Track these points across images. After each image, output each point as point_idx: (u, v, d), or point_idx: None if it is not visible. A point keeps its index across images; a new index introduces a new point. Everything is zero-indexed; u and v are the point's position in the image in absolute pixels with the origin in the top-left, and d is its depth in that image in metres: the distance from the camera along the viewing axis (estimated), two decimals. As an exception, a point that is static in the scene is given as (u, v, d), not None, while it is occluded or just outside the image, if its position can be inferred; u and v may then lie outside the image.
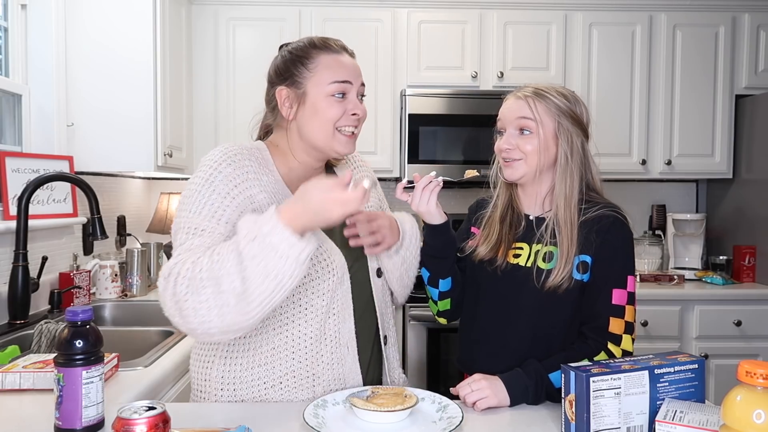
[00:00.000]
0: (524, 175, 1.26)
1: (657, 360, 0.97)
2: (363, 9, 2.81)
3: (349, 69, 1.15)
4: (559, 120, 1.24)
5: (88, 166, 2.27)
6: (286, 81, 1.16)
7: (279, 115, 1.19)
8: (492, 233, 1.30)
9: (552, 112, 1.24)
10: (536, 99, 1.24)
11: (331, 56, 1.15)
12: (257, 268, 0.92)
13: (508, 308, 1.27)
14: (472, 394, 1.11)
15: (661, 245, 2.97)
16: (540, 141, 1.23)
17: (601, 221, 1.21)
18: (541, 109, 1.24)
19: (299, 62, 1.15)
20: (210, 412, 1.11)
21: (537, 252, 1.25)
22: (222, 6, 2.78)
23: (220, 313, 0.94)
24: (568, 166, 1.24)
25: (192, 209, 1.05)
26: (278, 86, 1.17)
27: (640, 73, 2.87)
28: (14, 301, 1.75)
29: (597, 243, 1.20)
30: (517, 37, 2.84)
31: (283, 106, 1.16)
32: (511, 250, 1.28)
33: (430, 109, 2.74)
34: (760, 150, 2.76)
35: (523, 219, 1.31)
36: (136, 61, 2.28)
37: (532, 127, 1.23)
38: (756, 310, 2.58)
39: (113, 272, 2.25)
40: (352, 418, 1.03)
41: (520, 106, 1.25)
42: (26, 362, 1.22)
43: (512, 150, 1.24)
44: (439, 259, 1.30)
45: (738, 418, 0.72)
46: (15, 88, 2.09)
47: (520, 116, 1.24)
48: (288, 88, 1.15)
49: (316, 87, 1.13)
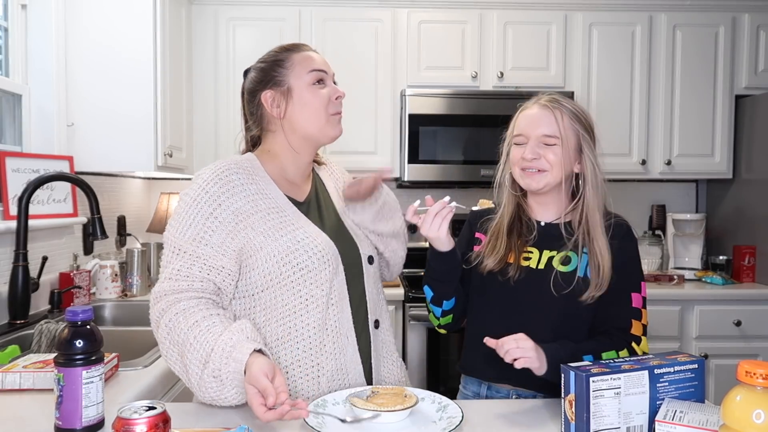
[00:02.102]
0: (546, 185, 1.25)
1: (657, 360, 0.97)
2: (363, 9, 2.81)
3: (319, 60, 1.25)
4: (582, 133, 1.26)
5: (88, 166, 2.27)
6: (267, 85, 1.23)
7: (267, 121, 1.25)
8: (500, 245, 1.29)
9: (575, 127, 1.26)
10: (564, 114, 1.25)
11: (301, 54, 1.24)
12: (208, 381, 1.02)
13: (523, 313, 1.26)
14: (516, 351, 1.08)
15: (661, 245, 2.97)
16: (564, 152, 1.24)
17: (617, 229, 1.25)
18: (567, 125, 1.25)
19: (276, 65, 1.23)
20: (210, 412, 1.11)
21: (551, 258, 1.25)
22: (222, 6, 2.78)
23: (179, 370, 1.07)
24: (596, 179, 1.26)
25: (179, 228, 1.12)
26: (261, 92, 1.23)
27: (640, 73, 2.88)
28: (14, 301, 1.75)
29: (614, 245, 1.23)
30: (517, 37, 2.84)
31: (272, 107, 1.22)
32: (521, 254, 1.28)
33: (430, 109, 2.74)
34: (760, 150, 2.76)
35: (535, 226, 1.30)
36: (136, 61, 2.28)
37: (554, 142, 1.24)
38: (756, 310, 2.58)
39: (113, 272, 2.25)
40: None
41: (545, 116, 1.25)
42: (26, 362, 1.22)
43: (538, 160, 1.24)
44: (443, 282, 1.30)
45: (738, 418, 0.73)
46: (15, 88, 2.09)
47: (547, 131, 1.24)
48: (272, 90, 1.22)
49: (297, 80, 1.21)
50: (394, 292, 2.48)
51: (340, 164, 1.55)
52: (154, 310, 1.09)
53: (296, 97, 1.21)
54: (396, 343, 1.40)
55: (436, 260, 1.26)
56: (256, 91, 1.24)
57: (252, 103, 1.26)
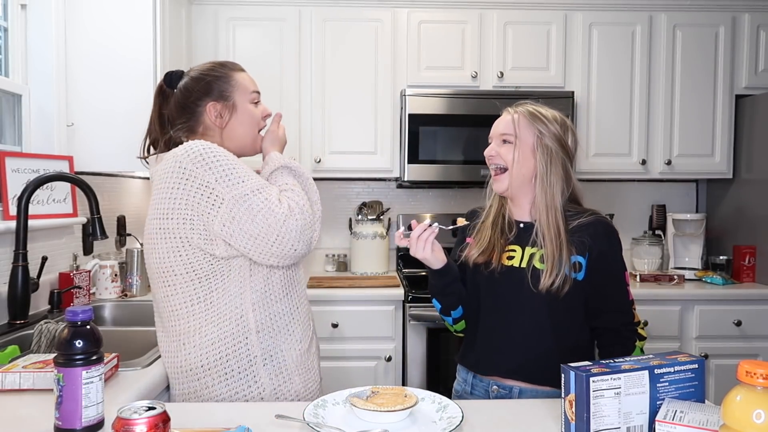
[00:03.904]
0: (508, 187, 1.37)
1: (657, 360, 0.97)
2: (363, 9, 2.81)
3: (255, 82, 1.43)
4: (540, 137, 1.35)
5: (88, 166, 2.27)
6: (213, 97, 1.36)
7: (204, 127, 1.37)
8: (484, 238, 1.40)
9: (533, 129, 1.35)
10: (521, 116, 1.36)
11: (241, 74, 1.41)
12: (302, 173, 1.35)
13: (509, 308, 1.36)
14: None
15: (661, 245, 2.97)
16: (520, 151, 1.34)
17: (598, 226, 1.34)
18: (523, 125, 1.36)
19: (222, 81, 1.38)
20: (210, 412, 1.11)
21: (532, 255, 1.34)
22: (222, 6, 2.78)
23: None
24: (546, 178, 1.34)
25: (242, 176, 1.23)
26: (206, 102, 1.36)
27: (640, 73, 2.87)
28: (14, 301, 1.75)
29: (597, 245, 1.32)
30: (517, 37, 2.84)
31: (215, 117, 1.36)
32: (505, 253, 1.38)
33: (430, 109, 2.74)
34: (760, 150, 2.76)
35: (515, 226, 1.40)
36: (136, 60, 2.28)
37: (511, 140, 1.36)
38: (756, 310, 2.58)
39: (113, 272, 2.25)
40: (352, 418, 1.03)
41: (506, 120, 1.38)
42: (26, 362, 1.22)
43: (495, 157, 1.38)
44: (445, 295, 1.41)
45: (738, 418, 0.73)
46: (15, 88, 2.09)
47: (504, 130, 1.37)
48: (217, 102, 1.36)
49: (241, 97, 1.38)
50: (395, 292, 2.47)
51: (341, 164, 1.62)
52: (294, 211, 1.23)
53: (239, 112, 1.38)
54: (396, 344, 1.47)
55: (434, 277, 1.38)
56: (199, 100, 1.35)
57: (187, 108, 1.36)
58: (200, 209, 1.21)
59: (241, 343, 1.25)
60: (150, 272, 1.31)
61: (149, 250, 1.29)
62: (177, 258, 1.23)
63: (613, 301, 1.34)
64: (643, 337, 1.34)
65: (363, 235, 2.90)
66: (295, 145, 2.80)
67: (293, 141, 2.80)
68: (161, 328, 1.33)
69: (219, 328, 1.25)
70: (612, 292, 1.34)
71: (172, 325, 1.28)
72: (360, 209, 3.03)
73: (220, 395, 1.26)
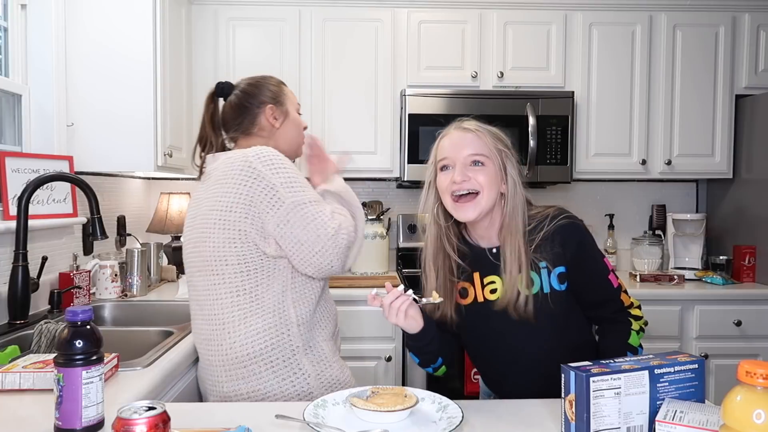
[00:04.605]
0: (480, 213, 1.25)
1: (657, 360, 0.97)
2: (363, 9, 2.81)
3: None
4: (504, 152, 1.26)
5: (88, 166, 2.27)
6: (271, 101, 1.52)
7: (258, 128, 1.51)
8: (429, 281, 1.32)
9: (498, 144, 1.27)
10: (486, 134, 1.26)
11: (288, 88, 1.61)
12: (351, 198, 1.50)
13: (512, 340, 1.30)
14: None
15: (661, 245, 2.97)
16: (492, 173, 1.24)
17: (563, 232, 1.25)
18: (491, 143, 1.26)
19: (279, 90, 1.56)
20: (210, 412, 1.11)
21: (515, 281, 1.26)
22: (222, 6, 2.78)
23: None
24: (515, 195, 1.26)
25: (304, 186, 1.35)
26: (265, 104, 1.51)
27: (640, 73, 2.87)
28: (14, 301, 1.75)
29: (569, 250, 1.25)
30: (517, 37, 2.84)
31: (272, 118, 1.52)
32: (486, 287, 1.30)
33: (430, 109, 2.74)
34: (760, 150, 2.76)
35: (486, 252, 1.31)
36: (135, 61, 2.28)
37: (483, 159, 1.24)
38: (756, 310, 2.58)
39: (113, 272, 2.25)
40: (352, 418, 1.03)
41: (469, 138, 1.26)
42: (26, 362, 1.22)
43: (468, 182, 1.23)
44: (423, 354, 1.33)
45: (738, 418, 0.72)
46: (15, 88, 2.09)
47: (475, 150, 1.25)
48: (274, 106, 1.52)
49: (291, 107, 1.57)
50: (394, 292, 2.47)
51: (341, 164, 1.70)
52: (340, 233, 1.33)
53: (291, 118, 1.56)
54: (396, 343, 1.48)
55: (410, 338, 1.29)
56: (258, 102, 1.50)
57: (245, 109, 1.50)
58: (261, 207, 1.30)
59: (284, 335, 1.35)
60: (197, 261, 1.39)
61: (202, 239, 1.37)
62: (231, 249, 1.32)
63: (599, 294, 1.30)
64: (638, 317, 1.29)
65: (363, 235, 2.90)
66: (295, 145, 2.80)
67: (293, 141, 2.80)
68: (201, 316, 1.41)
69: (263, 320, 1.34)
70: (595, 287, 1.29)
71: (215, 314, 1.37)
72: (360, 209, 3.02)
73: (268, 382, 1.34)
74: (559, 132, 2.75)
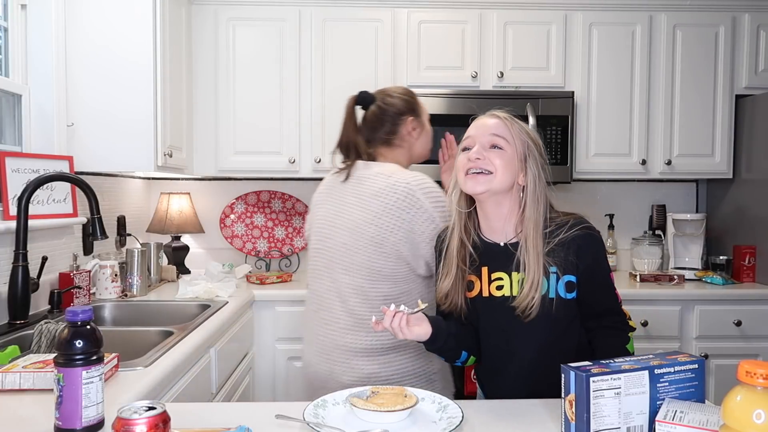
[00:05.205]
0: (487, 191, 1.25)
1: (657, 360, 0.97)
2: (363, 9, 2.81)
3: None
4: (529, 145, 1.28)
5: (88, 166, 2.27)
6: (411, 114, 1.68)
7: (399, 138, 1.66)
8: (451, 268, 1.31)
9: (523, 136, 1.28)
10: (512, 122, 1.29)
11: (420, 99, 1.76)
12: None
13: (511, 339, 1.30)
14: None
15: (661, 245, 2.97)
16: (510, 158, 1.25)
17: (581, 241, 1.26)
18: (515, 131, 1.27)
19: (417, 103, 1.72)
20: (210, 412, 1.11)
21: (521, 280, 1.26)
22: (222, 6, 2.78)
23: None
24: (536, 190, 1.25)
25: None
26: (407, 117, 1.66)
27: (640, 73, 2.87)
28: (14, 301, 1.75)
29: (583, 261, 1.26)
30: (517, 37, 2.84)
31: (413, 130, 1.68)
32: (493, 283, 1.30)
33: (430, 109, 2.69)
34: (760, 150, 2.76)
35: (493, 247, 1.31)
36: (135, 61, 2.28)
37: (503, 144, 1.26)
38: (756, 310, 2.58)
39: (113, 272, 2.25)
40: (352, 418, 1.03)
41: (495, 124, 1.28)
42: (26, 362, 1.22)
43: (482, 160, 1.24)
44: (443, 352, 1.35)
45: (738, 418, 0.72)
46: (15, 88, 2.09)
47: (495, 132, 1.27)
48: (414, 119, 1.68)
49: (426, 120, 1.74)
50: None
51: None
52: None
53: (426, 131, 1.73)
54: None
55: (426, 344, 1.30)
56: (402, 114, 1.65)
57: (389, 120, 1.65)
58: (421, 237, 1.49)
59: None
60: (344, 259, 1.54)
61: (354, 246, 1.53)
62: (385, 263, 1.51)
63: (605, 306, 1.32)
64: (633, 328, 1.33)
65: (363, 235, 2.90)
66: (295, 145, 2.80)
67: (293, 141, 2.80)
68: (343, 310, 1.55)
69: None
70: (603, 299, 1.31)
71: (357, 311, 1.52)
72: (360, 209, 3.02)
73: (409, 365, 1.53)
74: (559, 132, 2.75)
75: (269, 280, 2.69)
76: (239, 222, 3.05)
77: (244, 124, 2.79)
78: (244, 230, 3.04)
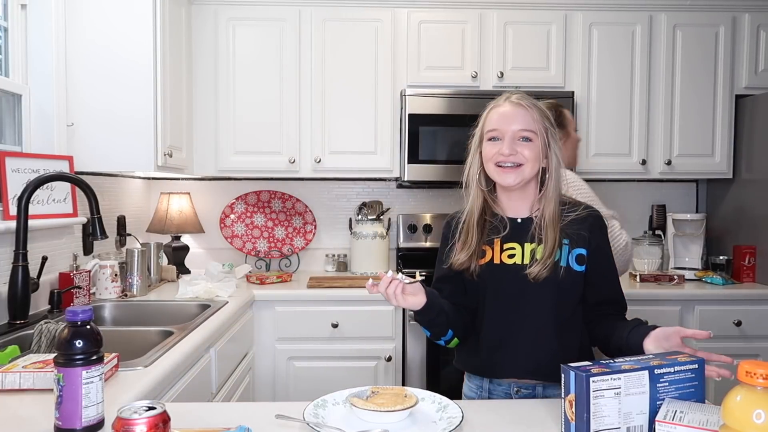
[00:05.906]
0: (521, 181, 1.32)
1: (657, 360, 0.97)
2: (363, 9, 2.81)
3: None
4: (549, 129, 1.34)
5: (88, 166, 2.27)
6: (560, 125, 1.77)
7: None
8: (470, 240, 1.35)
9: (545, 122, 1.34)
10: (536, 111, 1.33)
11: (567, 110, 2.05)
12: None
13: (516, 308, 1.33)
14: None
15: (661, 245, 2.97)
16: (537, 148, 1.31)
17: (593, 221, 1.35)
18: (539, 121, 1.32)
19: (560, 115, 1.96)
20: (210, 412, 1.11)
21: (533, 251, 1.31)
22: (222, 6, 2.78)
23: None
24: (557, 169, 1.33)
25: None
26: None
27: (640, 73, 2.87)
28: (14, 301, 1.75)
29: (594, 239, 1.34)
30: (517, 37, 2.84)
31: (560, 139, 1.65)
32: (504, 252, 1.34)
33: (430, 109, 2.74)
34: (760, 150, 2.76)
35: (508, 222, 1.36)
36: (135, 61, 2.28)
37: (531, 136, 1.31)
38: (756, 310, 2.58)
39: (113, 272, 2.25)
40: (352, 418, 1.03)
41: (520, 113, 1.32)
42: (26, 362, 1.22)
43: (515, 155, 1.30)
44: (433, 326, 1.36)
45: (738, 418, 0.73)
46: (15, 88, 2.09)
47: (524, 126, 1.31)
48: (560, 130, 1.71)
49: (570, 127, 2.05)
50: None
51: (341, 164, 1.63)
52: None
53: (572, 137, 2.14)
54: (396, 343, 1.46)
55: (417, 314, 1.32)
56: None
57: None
58: None
59: None
60: None
61: None
62: None
63: (612, 291, 1.37)
64: None
65: (363, 235, 2.90)
66: (295, 145, 2.80)
67: (293, 141, 2.80)
68: None
69: None
70: (609, 284, 1.37)
71: None
72: (360, 209, 3.03)
73: None
74: (559, 132, 2.75)
75: (269, 280, 2.69)
76: (239, 222, 3.05)
77: (244, 124, 2.79)
78: (244, 230, 3.05)
